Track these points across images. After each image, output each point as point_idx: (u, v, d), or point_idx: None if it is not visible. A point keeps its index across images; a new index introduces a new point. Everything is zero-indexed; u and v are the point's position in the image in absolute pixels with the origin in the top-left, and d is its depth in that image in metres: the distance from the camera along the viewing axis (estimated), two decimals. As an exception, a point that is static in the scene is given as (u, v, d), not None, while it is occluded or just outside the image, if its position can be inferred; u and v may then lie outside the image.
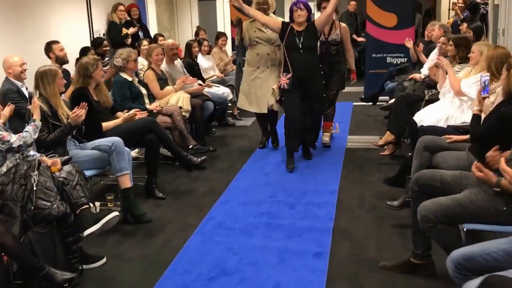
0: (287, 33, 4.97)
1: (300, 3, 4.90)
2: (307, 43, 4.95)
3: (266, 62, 5.40)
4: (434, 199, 2.71)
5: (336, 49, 5.61)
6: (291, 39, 4.94)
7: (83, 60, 4.47)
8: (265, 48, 5.39)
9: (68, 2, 6.81)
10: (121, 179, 3.94)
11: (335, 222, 3.83)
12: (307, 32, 4.96)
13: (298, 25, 4.96)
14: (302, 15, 4.90)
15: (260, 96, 5.44)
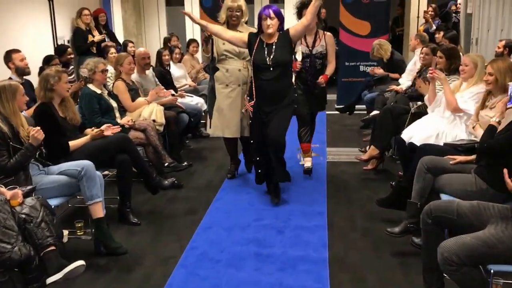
0: (255, 47, 4.17)
1: (270, 10, 4.09)
2: (279, 58, 4.11)
3: (237, 80, 4.64)
4: (456, 238, 2.43)
5: (321, 63, 4.93)
6: (259, 54, 4.14)
7: (44, 71, 4.02)
8: (235, 63, 4.65)
9: (29, 7, 6.23)
10: (93, 208, 3.52)
11: (329, 250, 3.54)
12: (279, 45, 4.15)
13: (268, 36, 4.16)
14: (273, 25, 4.09)
15: (230, 118, 4.67)
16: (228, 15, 4.54)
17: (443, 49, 4.71)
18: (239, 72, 4.65)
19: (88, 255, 3.48)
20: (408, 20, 10.02)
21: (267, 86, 4.15)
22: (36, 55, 5.67)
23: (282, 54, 4.13)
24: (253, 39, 4.20)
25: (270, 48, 4.13)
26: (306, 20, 4.12)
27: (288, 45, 4.18)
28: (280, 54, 4.12)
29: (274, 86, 4.15)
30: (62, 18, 6.88)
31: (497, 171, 2.85)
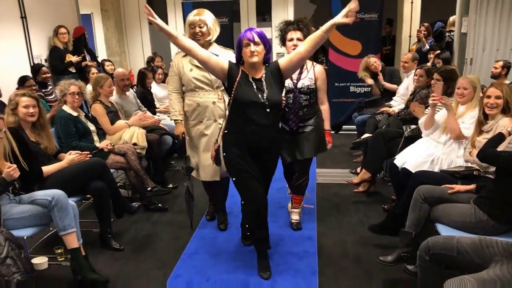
0: (237, 81, 3.12)
1: (253, 33, 3.06)
2: (274, 98, 3.14)
3: (211, 115, 3.81)
4: (459, 279, 2.22)
5: (308, 99, 3.91)
6: (248, 91, 3.11)
7: (11, 94, 3.82)
8: (208, 95, 3.79)
9: (1, 26, 5.99)
10: (66, 238, 3.27)
11: (319, 278, 3.33)
12: (269, 81, 3.15)
13: (252, 68, 3.14)
14: (258, 53, 3.07)
15: (207, 159, 3.87)
16: (191, 33, 3.70)
17: (441, 71, 4.51)
18: (213, 105, 3.79)
19: (69, 282, 3.34)
20: (400, 40, 9.94)
21: (264, 132, 3.17)
22: (11, 76, 5.44)
23: (277, 92, 3.16)
24: (235, 70, 3.16)
25: (260, 84, 3.12)
26: (305, 51, 3.05)
27: (279, 82, 3.19)
28: (274, 92, 3.14)
29: (269, 132, 3.21)
30: (38, 36, 6.59)
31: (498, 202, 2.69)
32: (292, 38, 3.74)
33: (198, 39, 3.67)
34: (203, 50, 3.16)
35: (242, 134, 3.18)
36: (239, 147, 3.20)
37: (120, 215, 4.11)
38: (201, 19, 3.69)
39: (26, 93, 3.78)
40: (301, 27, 3.73)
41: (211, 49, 3.74)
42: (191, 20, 3.70)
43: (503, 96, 3.32)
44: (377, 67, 6.52)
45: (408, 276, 3.24)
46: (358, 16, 7.71)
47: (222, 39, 4.04)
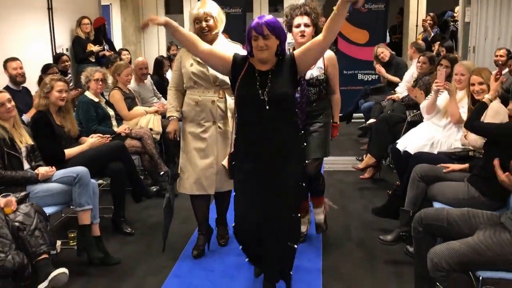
0: (242, 74, 2.76)
1: (263, 25, 2.64)
2: (278, 91, 2.70)
3: (210, 115, 3.41)
4: (446, 245, 2.45)
5: (318, 93, 3.49)
6: (249, 86, 2.73)
7: (43, 79, 4.06)
8: (208, 93, 3.40)
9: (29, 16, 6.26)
10: (81, 215, 3.49)
11: (324, 260, 3.53)
12: (278, 73, 2.74)
13: (261, 62, 2.75)
14: (268, 47, 2.67)
15: (203, 168, 3.43)
16: (197, 28, 3.36)
17: (450, 58, 4.75)
18: (212, 104, 3.40)
19: (80, 265, 3.51)
20: (407, 29, 10.07)
21: (262, 134, 2.73)
22: (35, 64, 5.70)
23: (283, 86, 2.72)
24: (240, 63, 2.80)
25: (265, 78, 2.73)
26: (324, 40, 2.65)
27: (290, 75, 2.75)
28: (279, 86, 2.71)
29: (272, 135, 2.73)
30: (61, 27, 6.91)
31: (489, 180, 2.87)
32: (299, 24, 3.37)
33: (206, 34, 3.33)
34: (204, 45, 2.87)
35: (244, 137, 2.80)
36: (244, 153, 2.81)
37: (139, 199, 4.31)
38: (206, 11, 3.33)
39: (62, 78, 4.02)
40: (308, 11, 3.37)
41: (218, 42, 3.41)
42: (195, 14, 3.35)
43: (484, 82, 3.49)
44: (384, 57, 6.66)
45: (409, 259, 3.40)
46: (365, 6, 7.89)
47: (235, 29, 3.93)
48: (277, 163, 2.76)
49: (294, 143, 2.80)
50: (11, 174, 3.34)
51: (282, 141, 2.75)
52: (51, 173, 3.52)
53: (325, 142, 3.57)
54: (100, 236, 3.61)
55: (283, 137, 2.75)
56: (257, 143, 2.74)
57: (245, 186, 2.83)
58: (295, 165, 2.81)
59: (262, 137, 2.73)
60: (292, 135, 2.80)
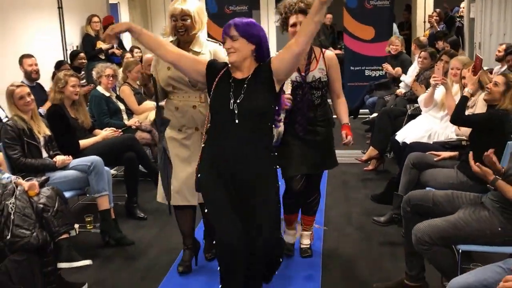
0: (215, 82, 2.55)
1: (231, 26, 2.48)
2: (249, 105, 2.46)
3: (192, 121, 3.14)
4: (429, 221, 2.67)
5: (321, 96, 3.20)
6: (221, 94, 2.53)
7: (57, 75, 4.34)
8: (188, 98, 3.13)
9: (40, 15, 6.57)
10: (100, 200, 3.79)
11: (324, 242, 3.75)
12: (253, 83, 2.50)
13: (236, 68, 2.54)
14: (235, 50, 2.47)
15: (186, 177, 3.15)
16: (172, 25, 3.07)
17: (450, 54, 4.96)
18: (194, 109, 3.12)
19: (96, 246, 3.80)
20: (415, 25, 10.23)
21: (229, 150, 2.49)
22: (47, 61, 6.01)
23: (256, 99, 2.47)
24: (215, 69, 2.58)
25: (239, 87, 2.49)
26: (297, 45, 2.42)
27: (267, 85, 2.50)
28: (252, 99, 2.46)
29: (240, 152, 2.48)
30: (71, 25, 7.21)
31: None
32: (294, 23, 3.05)
33: (181, 34, 3.05)
34: (173, 49, 2.63)
35: (216, 153, 2.55)
36: (216, 169, 2.55)
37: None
38: (184, 9, 3.01)
39: (74, 74, 4.30)
40: (303, 8, 3.02)
41: (196, 45, 3.11)
42: (172, 10, 3.05)
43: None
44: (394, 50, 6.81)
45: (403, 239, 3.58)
46: (371, 3, 8.08)
47: None
48: (243, 184, 2.51)
49: (264, 165, 2.54)
50: (31, 162, 3.62)
51: (250, 160, 2.48)
52: (68, 161, 3.79)
53: (330, 152, 3.32)
54: (115, 219, 3.88)
55: (252, 156, 2.48)
56: (223, 159, 2.50)
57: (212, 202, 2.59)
58: (265, 190, 2.54)
59: (229, 153, 2.48)
60: (263, 155, 2.53)
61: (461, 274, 2.41)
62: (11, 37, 5.95)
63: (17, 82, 3.95)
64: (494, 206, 2.64)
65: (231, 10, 8.46)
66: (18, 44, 5.93)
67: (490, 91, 3.22)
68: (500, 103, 3.22)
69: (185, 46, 3.07)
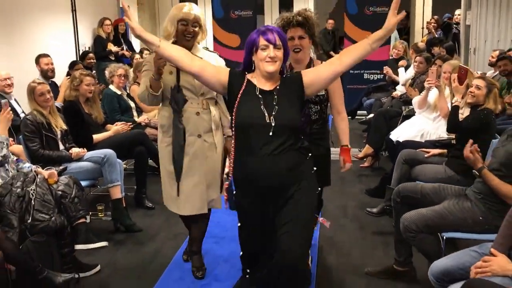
0: (239, 95, 2.42)
1: (276, 34, 2.37)
2: (287, 117, 2.38)
3: (195, 128, 3.07)
4: (416, 210, 2.92)
5: (319, 112, 3.08)
6: (251, 107, 2.40)
7: (73, 73, 4.61)
8: (191, 104, 3.05)
9: (54, 17, 6.90)
10: (112, 190, 4.06)
11: (320, 231, 4.01)
12: (285, 95, 2.41)
13: (264, 78, 2.43)
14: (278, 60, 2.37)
15: (192, 186, 3.11)
16: (181, 30, 3.00)
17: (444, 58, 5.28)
18: (197, 116, 3.06)
19: (107, 232, 4.08)
20: (413, 31, 10.51)
21: (266, 164, 2.37)
22: (60, 60, 6.31)
23: (291, 110, 2.39)
24: (237, 80, 2.46)
25: (270, 98, 2.39)
26: (341, 66, 2.35)
27: (296, 97, 2.42)
28: (287, 110, 2.38)
29: (278, 164, 2.37)
30: (84, 27, 7.53)
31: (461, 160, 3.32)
32: (292, 37, 2.91)
33: (188, 39, 3.01)
34: (195, 60, 2.53)
35: (247, 169, 2.43)
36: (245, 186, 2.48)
37: None
38: (196, 15, 3.01)
39: (90, 73, 4.58)
40: (301, 21, 2.91)
41: (195, 51, 3.06)
42: (183, 16, 2.99)
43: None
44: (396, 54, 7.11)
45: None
46: (370, 9, 8.37)
47: (246, 32, 3.70)
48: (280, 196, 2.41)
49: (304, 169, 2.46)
50: (48, 153, 3.89)
51: (291, 170, 2.39)
52: (83, 153, 4.06)
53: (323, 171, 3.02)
54: (125, 207, 4.16)
55: (292, 164, 2.40)
56: (263, 176, 2.38)
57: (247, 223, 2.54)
58: (307, 194, 2.45)
59: (265, 167, 2.36)
60: (301, 161, 2.45)
61: (442, 258, 2.67)
62: (28, 37, 6.26)
63: (38, 80, 4.23)
64: (476, 198, 2.90)
65: (237, 14, 8.74)
66: (34, 44, 6.24)
67: (474, 94, 3.49)
68: (485, 104, 3.48)
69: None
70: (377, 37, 2.32)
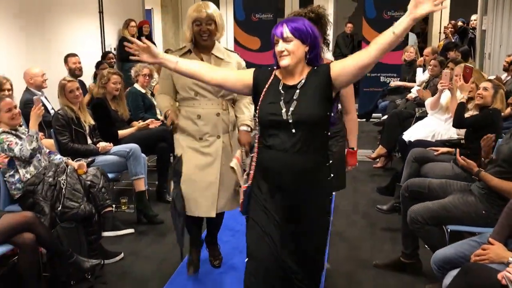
0: (264, 91, 2.35)
1: (284, 27, 2.26)
2: (305, 111, 2.25)
3: (215, 129, 3.07)
4: (422, 203, 3.10)
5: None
6: (271, 103, 2.31)
7: (101, 72, 4.88)
8: (211, 105, 3.05)
9: (83, 19, 7.22)
10: (136, 182, 4.30)
11: (332, 226, 4.18)
12: (308, 88, 2.29)
13: (287, 73, 2.33)
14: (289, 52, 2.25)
15: (205, 187, 3.08)
16: (196, 31, 2.99)
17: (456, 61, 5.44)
18: (217, 117, 3.05)
19: (131, 223, 4.32)
20: (431, 35, 10.62)
21: (282, 161, 2.29)
22: (88, 60, 6.60)
23: (312, 105, 2.26)
24: (263, 77, 2.39)
25: (291, 93, 2.29)
26: (369, 57, 2.15)
27: (323, 91, 2.28)
28: (307, 105, 2.26)
29: (295, 162, 2.28)
30: (110, 28, 7.84)
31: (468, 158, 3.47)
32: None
33: (205, 38, 2.99)
34: (215, 71, 2.45)
35: (262, 163, 2.37)
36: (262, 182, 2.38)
37: None
38: (209, 13, 2.96)
39: (117, 72, 4.85)
40: (314, 19, 2.82)
41: (216, 51, 3.08)
42: (196, 16, 2.97)
43: (474, 81, 4.10)
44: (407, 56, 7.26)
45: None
46: (388, 14, 8.52)
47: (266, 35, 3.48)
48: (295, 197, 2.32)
49: (321, 175, 2.35)
50: (77, 147, 4.15)
51: (308, 172, 2.30)
52: (109, 147, 4.30)
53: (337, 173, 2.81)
54: (148, 199, 4.40)
55: (310, 167, 2.30)
56: (278, 174, 2.30)
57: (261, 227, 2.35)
58: (322, 200, 2.38)
59: (285, 166, 2.28)
60: (321, 165, 2.34)
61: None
62: (57, 37, 6.57)
63: (69, 77, 4.50)
64: (480, 193, 3.05)
65: (257, 18, 8.93)
66: (64, 45, 6.55)
67: (482, 95, 3.65)
68: (492, 104, 3.64)
69: (205, 52, 3.04)
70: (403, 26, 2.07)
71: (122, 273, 3.57)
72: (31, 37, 6.04)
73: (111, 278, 3.49)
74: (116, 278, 3.50)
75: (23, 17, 5.91)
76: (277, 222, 2.33)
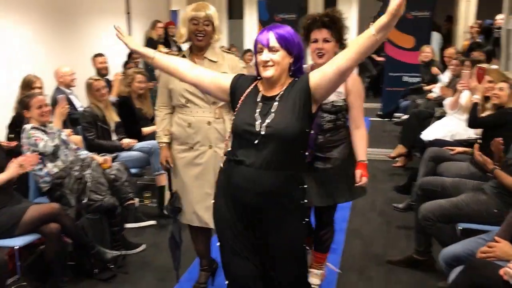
0: (241, 100, 2.21)
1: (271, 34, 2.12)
2: (279, 125, 2.08)
3: (206, 138, 2.95)
4: (434, 201, 3.16)
5: (334, 121, 2.83)
6: (245, 113, 2.17)
7: (127, 71, 5.06)
8: (203, 113, 2.93)
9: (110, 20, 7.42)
10: (158, 177, 4.45)
11: (348, 223, 4.27)
12: (285, 100, 2.13)
13: (267, 83, 2.18)
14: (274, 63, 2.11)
15: (200, 197, 3.00)
16: (191, 29, 2.90)
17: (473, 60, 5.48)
18: (208, 126, 2.93)
19: (153, 217, 4.47)
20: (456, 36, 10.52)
21: (249, 178, 2.12)
22: (115, 60, 6.81)
23: (289, 119, 2.08)
24: (241, 85, 2.24)
25: (269, 105, 2.14)
26: (347, 61, 2.00)
27: (302, 104, 2.11)
28: (284, 119, 2.09)
29: (263, 181, 2.10)
30: (137, 29, 8.06)
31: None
32: (316, 39, 2.74)
33: (200, 39, 2.90)
34: (193, 69, 2.33)
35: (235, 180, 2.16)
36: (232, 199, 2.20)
37: None
38: (208, 13, 2.90)
39: (142, 71, 5.02)
40: (327, 23, 2.71)
41: (211, 53, 2.97)
42: (193, 14, 2.89)
43: (493, 80, 4.12)
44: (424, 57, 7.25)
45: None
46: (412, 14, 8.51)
47: None
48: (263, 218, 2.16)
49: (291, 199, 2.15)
50: (102, 143, 4.33)
51: (275, 194, 2.11)
52: (133, 143, 4.47)
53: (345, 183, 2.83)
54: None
55: (279, 187, 2.11)
56: (242, 188, 2.13)
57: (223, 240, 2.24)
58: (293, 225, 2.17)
59: (250, 183, 2.10)
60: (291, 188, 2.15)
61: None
62: (85, 38, 6.83)
63: (96, 76, 4.69)
64: (493, 192, 3.09)
65: (280, 18, 9.00)
66: (90, 45, 6.80)
67: (498, 95, 3.68)
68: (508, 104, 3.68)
69: (198, 54, 2.96)
70: (381, 24, 1.87)
71: (143, 263, 3.72)
72: (62, 37, 6.28)
73: (132, 268, 3.65)
74: (138, 268, 3.66)
75: (55, 18, 6.15)
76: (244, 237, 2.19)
